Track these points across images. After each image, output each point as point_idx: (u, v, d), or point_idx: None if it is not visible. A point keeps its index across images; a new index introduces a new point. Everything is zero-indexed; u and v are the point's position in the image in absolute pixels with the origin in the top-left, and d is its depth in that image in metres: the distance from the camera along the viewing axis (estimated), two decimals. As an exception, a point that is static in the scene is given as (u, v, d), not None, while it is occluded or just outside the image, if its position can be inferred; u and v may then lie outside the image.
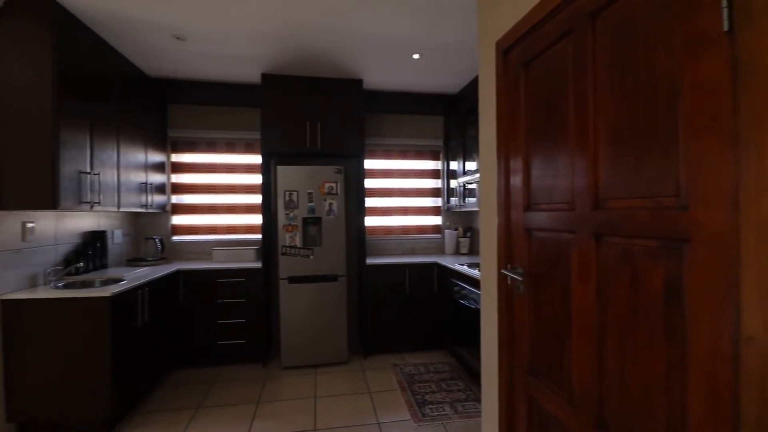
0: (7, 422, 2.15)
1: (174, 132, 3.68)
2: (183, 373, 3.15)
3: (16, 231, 2.25)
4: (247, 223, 3.80)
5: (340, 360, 3.30)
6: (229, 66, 3.19)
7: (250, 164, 3.83)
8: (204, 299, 3.20)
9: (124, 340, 2.35)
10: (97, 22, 2.47)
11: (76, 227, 2.78)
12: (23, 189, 2.14)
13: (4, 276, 2.15)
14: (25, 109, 2.14)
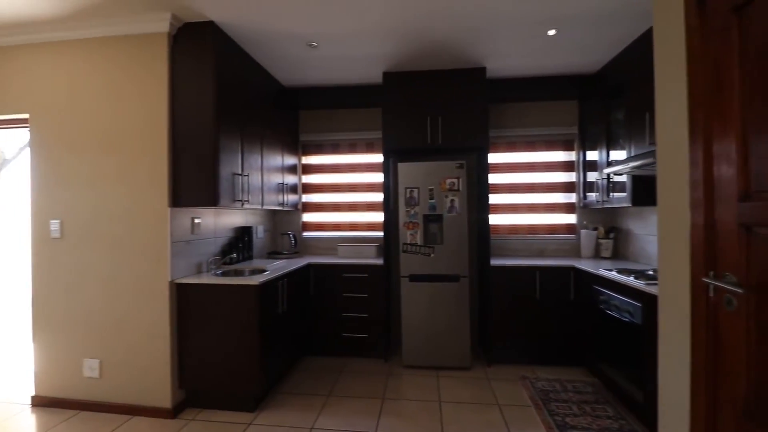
0: (179, 389, 2.54)
1: (304, 136, 3.97)
2: (312, 360, 3.36)
3: (187, 226, 2.64)
4: (368, 221, 3.90)
5: (463, 365, 3.14)
6: (353, 68, 3.29)
7: (371, 163, 3.92)
8: (331, 292, 3.37)
9: (269, 326, 2.58)
10: (245, 39, 2.76)
11: (229, 223, 3.18)
12: (192, 190, 2.50)
13: (178, 263, 2.54)
14: (195, 124, 2.49)
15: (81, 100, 2.56)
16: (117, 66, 2.52)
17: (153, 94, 2.48)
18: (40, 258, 2.60)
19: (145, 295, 2.47)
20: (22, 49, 2.64)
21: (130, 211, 2.50)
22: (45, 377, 2.61)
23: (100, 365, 2.53)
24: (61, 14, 2.40)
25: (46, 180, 2.59)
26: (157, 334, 2.46)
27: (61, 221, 2.56)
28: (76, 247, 2.55)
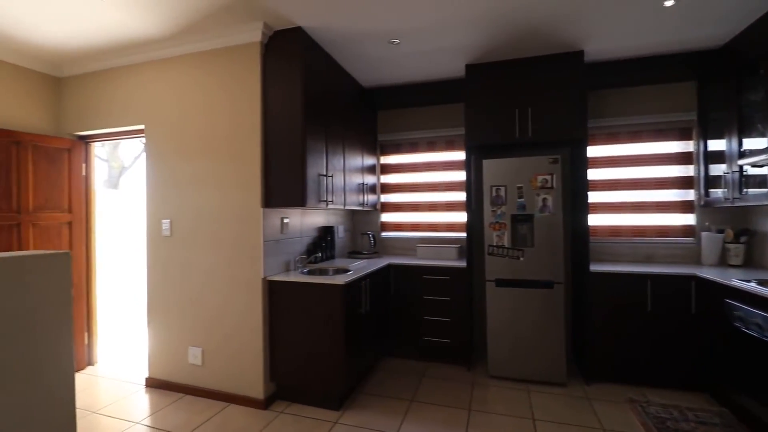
0: (270, 381, 2.64)
1: (382, 136, 3.96)
2: (392, 362, 3.32)
3: (277, 225, 2.75)
4: (448, 221, 3.76)
5: (557, 380, 2.85)
6: (434, 63, 3.18)
7: (450, 161, 3.77)
8: (411, 294, 3.30)
9: (353, 325, 2.58)
10: (329, 42, 2.80)
11: (312, 223, 3.26)
12: (282, 191, 2.59)
13: (269, 261, 2.65)
14: (284, 128, 2.58)
15: (185, 110, 2.80)
16: (215, 77, 2.71)
17: (247, 101, 2.62)
18: (154, 253, 2.89)
19: (241, 290, 2.62)
20: (137, 67, 2.96)
21: (228, 212, 2.66)
22: (156, 361, 2.90)
23: (202, 353, 2.73)
24: (169, 33, 2.64)
25: (158, 184, 2.88)
26: (251, 327, 2.59)
27: (171, 221, 2.82)
28: (183, 244, 2.79)
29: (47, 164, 3.01)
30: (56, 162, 3.07)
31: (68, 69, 3.20)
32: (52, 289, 1.38)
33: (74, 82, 3.22)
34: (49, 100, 3.21)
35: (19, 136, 2.88)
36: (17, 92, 3.00)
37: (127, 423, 2.43)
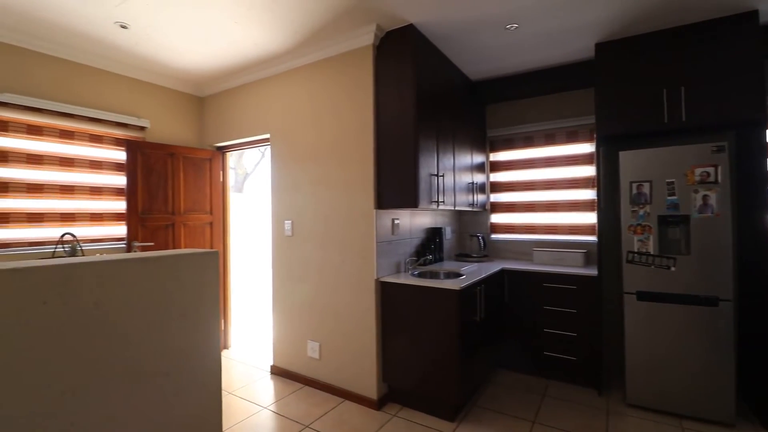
0: (383, 382, 2.64)
1: (492, 131, 3.72)
2: (507, 375, 3.07)
3: (389, 226, 2.74)
4: (571, 223, 3.36)
5: (721, 419, 2.31)
6: (555, 46, 2.85)
7: (573, 155, 3.36)
8: (529, 303, 3.01)
9: (467, 333, 2.43)
10: (439, 36, 2.69)
11: (421, 224, 3.20)
12: (394, 192, 2.56)
13: (381, 262, 2.64)
14: (396, 129, 2.56)
15: (304, 118, 2.96)
16: (329, 84, 2.81)
17: (360, 104, 2.66)
18: (278, 251, 3.13)
19: (355, 289, 2.67)
20: (263, 82, 3.24)
21: (342, 213, 2.74)
22: (280, 351, 3.13)
23: (320, 348, 2.86)
24: (291, 46, 2.82)
25: (281, 187, 3.11)
26: (365, 327, 2.63)
27: (292, 222, 3.02)
28: (303, 243, 2.96)
29: (194, 172, 3.48)
30: (200, 170, 3.54)
31: (208, 89, 3.66)
32: (203, 283, 1.52)
33: (212, 100, 3.68)
34: (194, 117, 3.71)
35: (173, 149, 3.37)
36: (171, 112, 3.53)
37: (256, 407, 2.65)
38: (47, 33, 2.61)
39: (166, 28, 2.57)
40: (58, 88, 2.80)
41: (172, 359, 1.40)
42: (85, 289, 1.19)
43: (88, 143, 2.96)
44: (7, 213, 2.58)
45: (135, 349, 1.30)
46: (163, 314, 1.38)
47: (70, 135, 2.87)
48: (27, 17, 2.41)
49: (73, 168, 2.87)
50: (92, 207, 2.97)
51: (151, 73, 3.32)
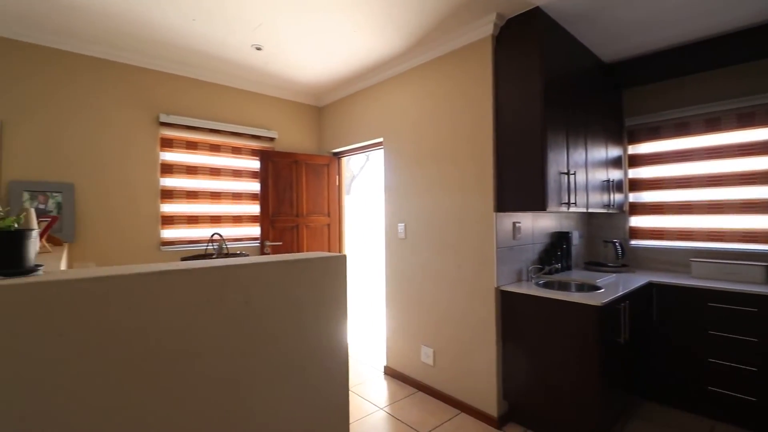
0: (503, 399, 2.44)
1: (631, 120, 3.19)
2: (655, 409, 2.59)
3: (509, 231, 2.53)
4: (744, 228, 2.69)
5: None
6: (717, 10, 2.30)
7: (747, 143, 2.68)
8: (687, 325, 2.49)
9: (608, 356, 2.09)
10: (569, 16, 2.38)
11: (545, 228, 2.89)
12: (517, 193, 2.35)
13: (501, 269, 2.45)
14: (519, 124, 2.34)
15: (417, 119, 2.92)
16: (443, 83, 2.71)
17: (478, 101, 2.50)
18: (391, 254, 3.15)
19: (472, 297, 2.53)
20: (376, 87, 3.30)
21: (457, 216, 2.62)
22: (393, 353, 3.15)
23: (434, 354, 2.79)
24: (405, 48, 2.80)
25: (394, 190, 3.12)
26: (483, 338, 2.47)
27: (405, 224, 3.01)
28: (416, 246, 2.93)
29: (314, 177, 3.73)
30: (319, 175, 3.77)
31: (325, 99, 3.88)
32: (333, 285, 1.56)
33: (329, 109, 3.89)
34: (313, 126, 3.98)
35: (297, 157, 3.65)
36: (295, 122, 3.83)
37: (372, 406, 2.69)
38: (199, 61, 3.04)
39: (292, 46, 2.78)
40: (208, 108, 3.25)
41: (306, 355, 1.46)
42: (238, 288, 1.29)
43: (230, 155, 3.38)
44: (172, 216, 3.07)
45: (277, 343, 1.39)
46: (298, 312, 1.44)
47: (217, 148, 3.31)
48: (185, 50, 2.83)
49: (219, 177, 3.31)
50: (234, 210, 3.38)
51: (279, 89, 3.65)
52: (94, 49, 2.72)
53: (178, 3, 2.24)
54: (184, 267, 1.20)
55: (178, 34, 2.60)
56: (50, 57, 2.59)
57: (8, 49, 2.45)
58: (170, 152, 3.08)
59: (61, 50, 2.63)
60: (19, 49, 2.49)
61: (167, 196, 3.05)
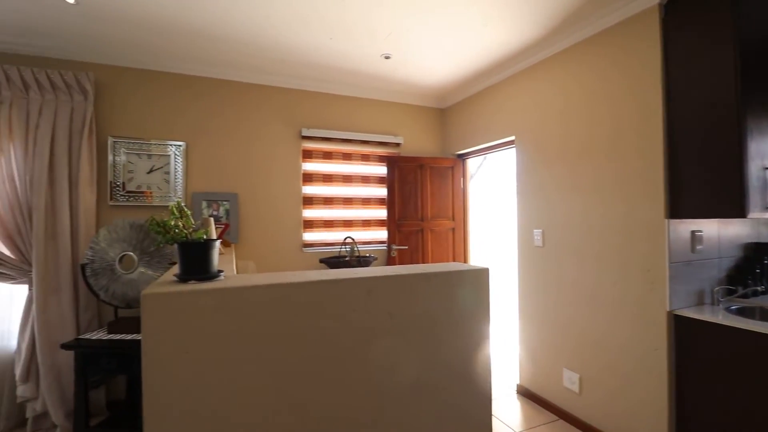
0: (678, 447, 1.98)
1: None
2: None
3: (685, 241, 2.05)
4: None
5: None
6: None
7: None
8: None
9: None
10: (788, -40, 1.80)
11: (735, 237, 2.28)
12: (700, 195, 1.88)
13: (675, 288, 1.99)
14: (702, 110, 1.87)
15: (557, 112, 2.60)
16: (592, 68, 2.35)
17: (642, 84, 2.09)
18: (524, 263, 2.89)
19: (634, 321, 2.12)
20: (504, 83, 3.06)
21: (615, 222, 2.23)
22: (527, 372, 2.87)
23: (579, 381, 2.44)
24: (540, 37, 2.52)
25: (529, 192, 2.85)
26: (649, 371, 2.04)
27: (542, 231, 2.71)
28: (557, 256, 2.61)
29: (438, 181, 3.67)
30: (443, 178, 3.69)
31: (448, 100, 3.79)
32: (473, 300, 1.45)
33: (453, 110, 3.78)
34: (437, 128, 3.92)
35: (421, 161, 3.64)
36: (419, 126, 3.83)
37: (508, 428, 2.49)
38: (335, 76, 3.25)
39: (419, 49, 2.76)
40: (341, 120, 3.47)
41: (447, 372, 1.38)
42: (382, 300, 1.29)
43: (360, 162, 3.54)
44: (311, 220, 3.36)
45: (419, 358, 1.34)
46: (439, 327, 1.37)
47: (349, 157, 3.50)
48: (323, 67, 3.05)
49: (351, 183, 3.50)
50: (363, 215, 3.54)
51: (404, 94, 3.69)
52: (250, 77, 3.15)
53: (318, 25, 2.41)
54: (334, 277, 1.23)
55: (318, 54, 2.82)
56: (217, 87, 3.08)
57: (189, 84, 3.00)
58: (310, 162, 3.37)
59: (225, 80, 3.10)
60: (196, 82, 3.02)
61: (308, 202, 3.34)
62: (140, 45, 2.65)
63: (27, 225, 2.44)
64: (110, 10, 2.22)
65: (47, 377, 2.41)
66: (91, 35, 2.51)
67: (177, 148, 2.92)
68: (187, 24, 2.39)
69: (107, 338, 2.31)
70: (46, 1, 2.12)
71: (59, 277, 2.48)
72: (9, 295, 2.51)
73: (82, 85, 2.58)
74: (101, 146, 2.73)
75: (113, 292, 2.40)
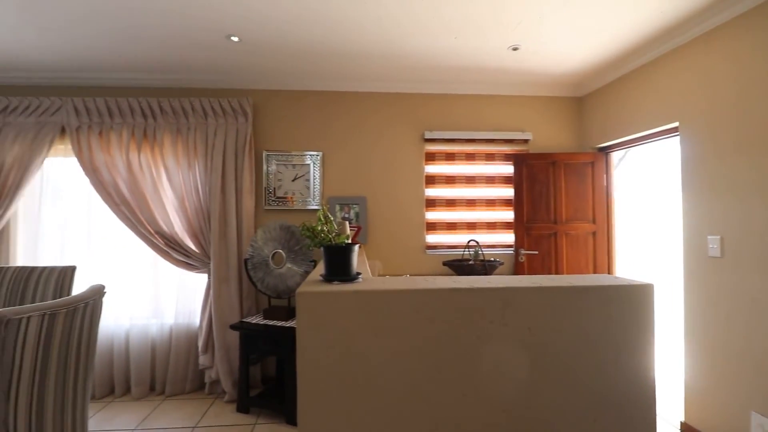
0: None
1: None
2: None
3: None
4: None
5: None
6: None
7: None
8: None
9: None
10: None
11: None
12: None
13: None
14: None
15: (732, 93, 2.06)
16: (809, 22, 1.78)
17: None
18: (693, 276, 2.37)
19: None
20: (659, 61, 2.56)
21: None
22: (695, 407, 2.35)
23: (781, 433, 1.89)
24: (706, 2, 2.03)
25: (700, 191, 2.33)
26: None
27: (720, 238, 2.19)
28: (743, 270, 2.07)
29: (575, 178, 3.28)
30: (581, 176, 3.29)
31: (587, 87, 3.36)
32: (633, 320, 1.23)
33: (592, 98, 3.34)
34: (572, 120, 3.51)
35: (554, 157, 3.31)
36: (550, 119, 3.49)
37: (669, 474, 2.07)
38: (457, 76, 3.19)
39: (552, 35, 2.51)
40: (463, 120, 3.39)
41: (600, 398, 1.21)
42: (521, 313, 1.19)
43: (484, 162, 3.41)
44: (434, 222, 3.36)
45: (563, 381, 1.20)
46: (589, 347, 1.21)
47: (472, 157, 3.40)
48: (446, 68, 3.02)
49: (474, 185, 3.39)
50: (488, 217, 3.39)
51: (533, 86, 3.41)
52: (376, 86, 3.31)
53: (442, 26, 2.39)
54: (468, 285, 1.18)
55: (442, 55, 2.80)
56: (347, 99, 3.32)
57: (323, 98, 3.30)
58: (432, 165, 3.38)
59: (353, 92, 3.32)
60: (329, 97, 3.30)
61: (430, 204, 3.36)
62: (286, 70, 3.03)
63: (207, 226, 3.01)
64: (268, 43, 2.58)
65: (219, 351, 2.93)
66: (250, 66, 2.96)
67: (315, 158, 3.24)
68: (329, 46, 2.63)
69: (263, 323, 2.70)
70: (219, 44, 2.58)
71: (228, 269, 2.99)
72: (194, 281, 3.13)
73: (243, 109, 3.07)
74: (257, 159, 3.21)
75: (267, 283, 2.79)
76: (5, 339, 1.30)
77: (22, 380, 1.35)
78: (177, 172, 3.02)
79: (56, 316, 1.42)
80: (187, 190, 3.02)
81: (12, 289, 2.34)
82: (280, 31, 2.45)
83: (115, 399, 2.94)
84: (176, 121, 3.04)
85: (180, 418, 2.65)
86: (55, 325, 1.42)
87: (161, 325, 3.05)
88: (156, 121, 3.02)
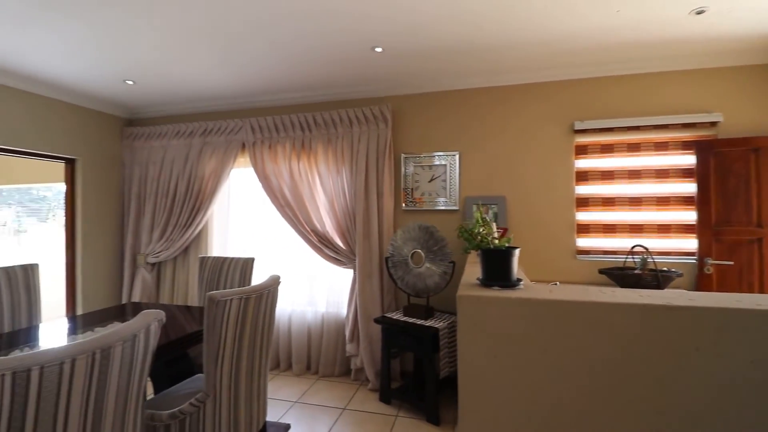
0: None
1: None
2: None
3: None
4: None
5: None
6: None
7: None
8: None
9: None
10: None
11: None
12: None
13: None
14: None
15: None
16: None
17: None
18: None
19: None
20: None
21: None
22: None
23: None
24: None
25: None
26: None
27: None
28: None
29: (793, 168, 2.51)
30: (804, 164, 2.49)
31: (818, 44, 2.51)
32: None
33: (828, 58, 2.49)
34: (787, 92, 2.69)
35: (757, 142, 2.59)
36: (748, 95, 2.73)
37: None
38: (616, 55, 2.76)
39: (768, -16, 1.94)
40: (624, 105, 2.91)
41: None
42: (743, 341, 0.94)
43: (653, 152, 2.87)
44: (587, 224, 2.98)
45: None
46: None
47: (636, 147, 2.90)
48: (602, 48, 2.63)
49: (639, 180, 2.89)
50: (658, 218, 2.85)
51: (722, 55, 2.73)
52: (519, 77, 3.10)
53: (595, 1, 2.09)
54: (664, 302, 0.99)
55: (599, 34, 2.46)
56: (483, 95, 3.18)
57: (458, 97, 3.24)
58: (584, 159, 3.00)
59: (491, 87, 3.17)
60: (464, 95, 3.22)
61: (582, 203, 2.99)
62: (422, 73, 3.08)
63: (352, 226, 3.27)
64: (409, 48, 2.66)
65: (364, 341, 3.14)
66: (390, 74, 3.10)
67: (452, 158, 3.22)
68: (473, 43, 2.57)
69: (403, 320, 2.79)
70: (364, 55, 2.76)
71: (371, 266, 3.19)
72: (341, 276, 3.44)
73: (384, 116, 3.24)
74: (396, 162, 3.34)
75: (407, 281, 2.88)
76: (215, 316, 1.62)
77: (226, 349, 1.67)
78: (328, 177, 3.36)
79: (249, 300, 1.71)
80: (336, 192, 3.33)
81: (211, 275, 2.94)
82: (421, 36, 2.49)
83: (280, 372, 3.43)
84: (327, 132, 3.39)
85: (332, 398, 2.94)
86: (248, 306, 1.72)
87: (315, 312, 3.44)
88: (311, 133, 3.42)
